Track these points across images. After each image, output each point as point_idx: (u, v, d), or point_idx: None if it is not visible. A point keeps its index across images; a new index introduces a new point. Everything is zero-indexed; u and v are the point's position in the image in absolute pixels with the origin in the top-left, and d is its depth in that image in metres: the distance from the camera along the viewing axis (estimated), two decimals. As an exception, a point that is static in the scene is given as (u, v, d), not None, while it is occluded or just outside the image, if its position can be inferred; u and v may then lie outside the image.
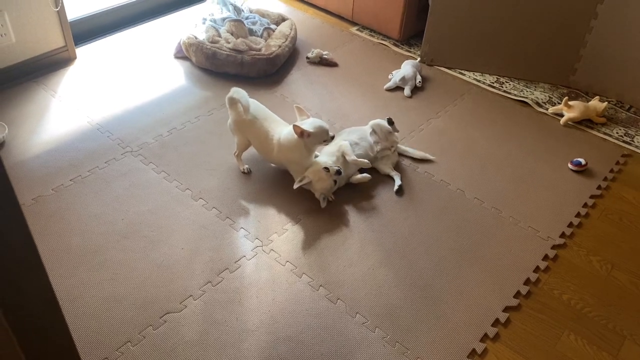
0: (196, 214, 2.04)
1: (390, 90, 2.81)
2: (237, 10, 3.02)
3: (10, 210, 0.64)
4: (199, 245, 1.92)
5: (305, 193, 2.16)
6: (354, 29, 3.34)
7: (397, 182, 2.22)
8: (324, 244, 1.97)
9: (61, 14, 2.66)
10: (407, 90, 2.79)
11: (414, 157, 2.38)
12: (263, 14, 3.13)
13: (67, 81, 2.66)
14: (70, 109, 2.49)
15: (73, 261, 1.82)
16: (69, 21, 2.72)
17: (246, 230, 1.99)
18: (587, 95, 2.88)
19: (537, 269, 1.95)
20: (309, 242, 1.97)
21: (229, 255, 1.89)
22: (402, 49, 3.18)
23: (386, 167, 2.28)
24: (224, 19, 2.89)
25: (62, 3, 2.63)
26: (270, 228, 2.01)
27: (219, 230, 1.98)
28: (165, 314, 1.69)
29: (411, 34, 3.23)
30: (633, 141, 2.59)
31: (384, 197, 2.19)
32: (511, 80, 2.96)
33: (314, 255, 1.92)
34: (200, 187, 2.15)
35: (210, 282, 1.79)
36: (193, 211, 2.05)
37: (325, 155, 2.16)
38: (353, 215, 2.10)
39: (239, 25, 2.84)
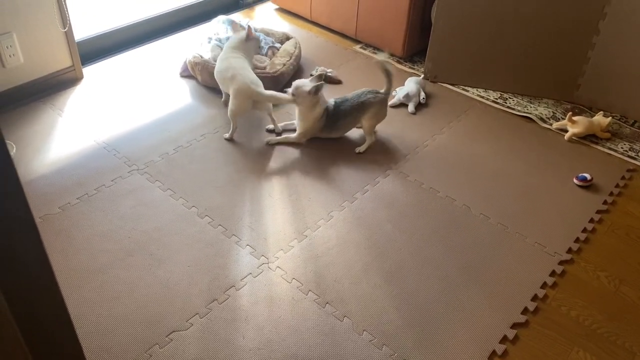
0: (202, 232, 2.04)
1: (394, 106, 2.82)
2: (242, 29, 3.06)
3: (28, 233, 0.65)
4: (205, 263, 1.92)
5: (311, 208, 2.16)
6: (357, 47, 3.37)
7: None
8: (330, 261, 1.96)
9: (69, 34, 2.69)
10: (411, 107, 2.81)
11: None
12: (267, 33, 3.17)
13: (74, 100, 2.69)
14: (77, 127, 2.51)
15: (79, 280, 1.82)
16: (76, 41, 2.76)
17: (252, 247, 1.99)
18: (590, 110, 2.88)
19: (544, 285, 1.94)
20: (315, 259, 1.97)
21: (235, 272, 1.89)
22: (405, 66, 3.21)
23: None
24: (229, 39, 2.92)
25: (70, 24, 2.67)
26: (276, 245, 2.01)
27: (224, 247, 1.98)
28: (172, 332, 1.68)
29: (414, 51, 3.26)
30: (638, 156, 2.59)
31: (389, 213, 2.19)
32: (515, 96, 2.98)
33: (320, 272, 1.92)
34: (206, 204, 2.15)
35: (216, 300, 1.79)
36: (199, 229, 2.05)
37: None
38: (358, 232, 2.10)
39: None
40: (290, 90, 2.42)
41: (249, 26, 2.56)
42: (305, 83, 2.41)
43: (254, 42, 2.60)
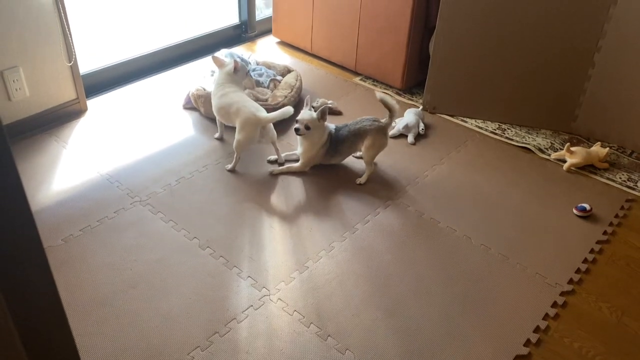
0: (203, 263, 2.04)
1: (394, 137, 2.86)
2: (245, 62, 3.12)
3: (39, 267, 0.67)
4: (207, 294, 1.92)
5: (312, 239, 2.17)
6: (357, 79, 3.42)
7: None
8: (331, 292, 1.97)
9: (74, 68, 2.75)
10: (410, 138, 2.84)
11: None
12: (269, 66, 3.23)
13: (78, 132, 2.73)
14: (80, 159, 2.54)
15: (81, 312, 1.82)
16: (81, 75, 2.81)
17: (253, 279, 2.00)
18: (588, 141, 2.92)
19: (546, 317, 1.93)
20: (316, 291, 1.97)
21: (236, 304, 1.89)
22: (404, 97, 3.26)
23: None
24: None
25: (76, 58, 2.73)
26: (277, 276, 2.02)
27: (226, 279, 1.99)
28: (173, 366, 1.67)
29: (413, 83, 3.31)
30: (637, 186, 2.61)
31: (390, 243, 2.20)
32: (513, 127, 3.01)
33: (321, 304, 1.92)
34: (207, 235, 2.17)
35: (217, 332, 1.79)
36: (200, 260, 2.06)
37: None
38: (359, 263, 2.10)
39: (246, 77, 2.92)
40: (299, 126, 2.43)
41: (235, 60, 2.60)
42: (309, 113, 2.45)
43: (242, 71, 2.65)
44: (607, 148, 2.71)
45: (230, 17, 3.83)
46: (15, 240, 0.67)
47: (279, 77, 3.12)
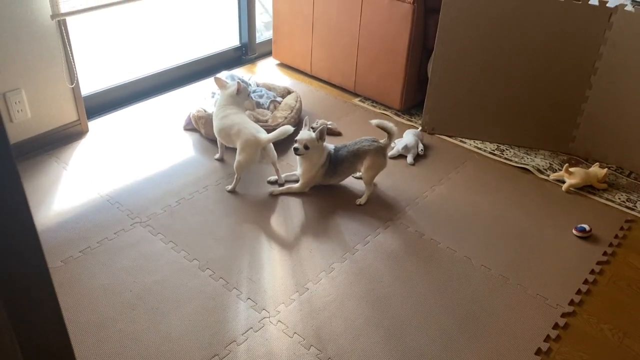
0: (203, 285, 2.04)
1: (393, 158, 2.87)
2: (245, 84, 3.14)
3: (44, 290, 0.67)
4: (206, 316, 1.91)
5: (312, 260, 2.17)
6: (356, 100, 3.45)
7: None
8: (331, 314, 1.96)
9: (75, 90, 2.77)
10: (409, 158, 2.86)
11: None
12: (269, 88, 3.25)
13: (79, 154, 2.74)
14: (81, 181, 2.55)
15: (81, 335, 1.81)
16: (82, 96, 2.84)
17: (253, 300, 1.99)
18: (587, 161, 2.93)
19: (547, 338, 1.92)
20: (316, 313, 1.96)
21: (236, 327, 1.88)
22: (403, 118, 3.28)
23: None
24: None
25: (77, 80, 2.75)
26: (277, 298, 2.01)
27: (226, 301, 1.98)
28: (172, 389, 1.66)
29: (412, 104, 3.34)
30: (636, 206, 2.62)
31: (390, 264, 2.19)
32: (511, 148, 3.03)
33: (321, 326, 1.91)
34: (207, 257, 2.16)
35: (217, 355, 1.77)
36: (200, 282, 2.05)
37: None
38: (359, 284, 2.10)
39: (247, 99, 2.95)
40: (297, 146, 2.45)
41: (238, 82, 2.62)
42: (308, 133, 2.47)
43: (244, 93, 2.68)
44: (606, 169, 2.72)
45: (231, 39, 3.88)
46: (21, 261, 0.67)
47: (279, 99, 3.15)
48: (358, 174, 2.61)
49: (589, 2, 2.65)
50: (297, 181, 2.59)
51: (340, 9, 3.29)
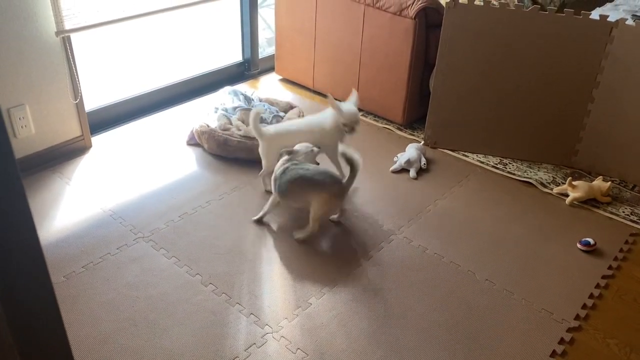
0: (206, 300, 2.03)
1: (396, 172, 2.87)
2: (248, 99, 3.16)
3: (47, 306, 0.67)
4: (209, 332, 1.90)
5: (315, 275, 2.16)
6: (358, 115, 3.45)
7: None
8: (335, 330, 1.94)
9: (79, 105, 2.79)
10: (412, 172, 2.86)
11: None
12: (272, 103, 3.27)
13: (82, 169, 2.74)
14: (84, 196, 2.55)
15: (82, 350, 1.80)
16: (86, 112, 2.85)
17: (256, 316, 1.98)
18: (590, 175, 2.93)
19: (553, 354, 1.90)
20: (319, 328, 1.95)
21: (238, 342, 1.87)
22: (405, 132, 3.29)
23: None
24: (235, 108, 3.02)
25: (81, 95, 2.77)
26: (280, 313, 2.00)
27: (228, 316, 1.97)
28: (174, 406, 1.64)
29: (414, 119, 3.35)
30: (640, 220, 2.61)
31: (394, 279, 2.18)
32: (514, 162, 3.03)
33: (324, 342, 1.89)
34: (210, 272, 2.15)
35: (220, 371, 1.76)
36: (203, 297, 2.04)
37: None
38: (362, 299, 2.08)
39: (249, 114, 2.96)
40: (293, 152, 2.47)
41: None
42: (303, 145, 2.49)
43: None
44: (609, 182, 2.71)
45: (233, 55, 3.91)
46: (25, 277, 0.67)
47: (281, 114, 3.16)
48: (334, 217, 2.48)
49: (590, 17, 2.66)
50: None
51: (342, 24, 3.32)
